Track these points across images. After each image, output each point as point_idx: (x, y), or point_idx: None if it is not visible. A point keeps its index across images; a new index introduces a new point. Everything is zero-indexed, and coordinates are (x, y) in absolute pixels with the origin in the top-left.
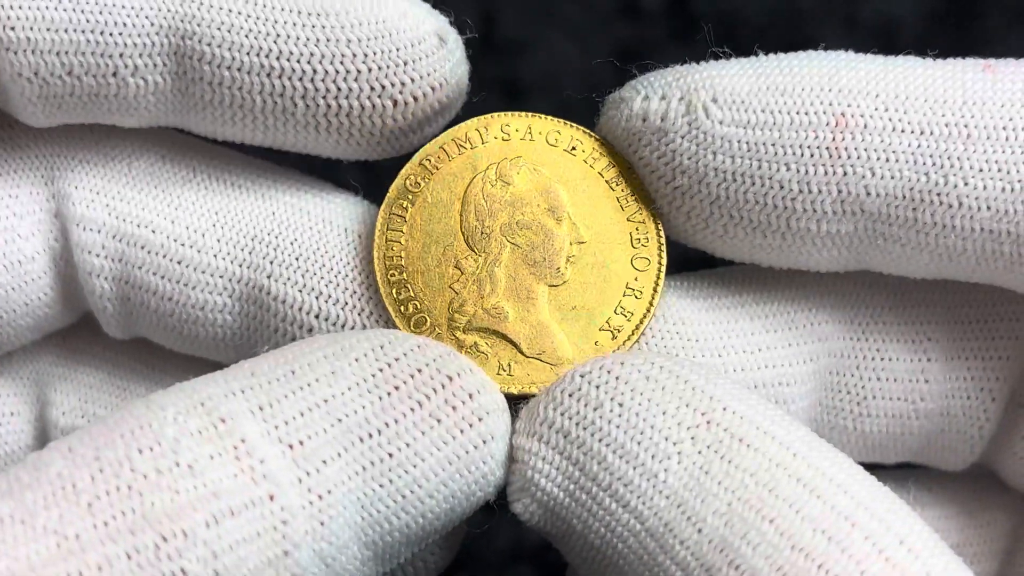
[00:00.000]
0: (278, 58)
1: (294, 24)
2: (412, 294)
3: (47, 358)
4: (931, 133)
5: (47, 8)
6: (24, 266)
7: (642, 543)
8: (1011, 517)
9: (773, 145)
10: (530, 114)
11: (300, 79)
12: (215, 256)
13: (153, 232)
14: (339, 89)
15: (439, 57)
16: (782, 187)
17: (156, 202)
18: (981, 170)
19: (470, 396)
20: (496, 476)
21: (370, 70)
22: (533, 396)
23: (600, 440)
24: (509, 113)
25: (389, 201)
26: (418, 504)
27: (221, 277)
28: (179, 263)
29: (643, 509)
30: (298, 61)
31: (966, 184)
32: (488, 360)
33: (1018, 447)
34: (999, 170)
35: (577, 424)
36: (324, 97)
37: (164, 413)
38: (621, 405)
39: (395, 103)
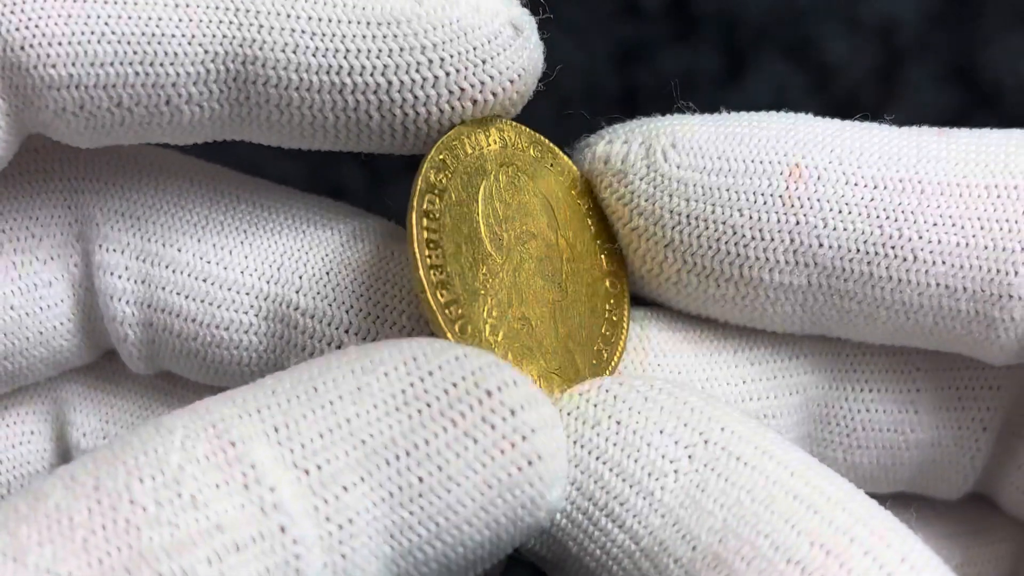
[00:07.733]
0: (349, 74)
1: (363, 37)
2: (454, 297)
3: (68, 376)
4: (884, 187)
5: (89, 43)
6: (40, 290)
7: (637, 564)
8: (1016, 539)
9: (728, 190)
10: (515, 124)
11: (375, 92)
12: (242, 272)
13: (179, 251)
14: (416, 98)
15: (515, 49)
16: (735, 232)
17: (183, 222)
18: (935, 224)
19: (511, 412)
20: (546, 499)
21: (447, 74)
22: None
23: (597, 458)
24: (498, 119)
25: (420, 198)
26: (455, 532)
27: (248, 294)
28: (204, 280)
29: (638, 528)
30: (371, 75)
31: (920, 237)
32: (521, 370)
33: (1014, 476)
34: (953, 224)
35: (575, 443)
36: (401, 107)
37: (172, 437)
38: (619, 423)
39: (475, 102)
